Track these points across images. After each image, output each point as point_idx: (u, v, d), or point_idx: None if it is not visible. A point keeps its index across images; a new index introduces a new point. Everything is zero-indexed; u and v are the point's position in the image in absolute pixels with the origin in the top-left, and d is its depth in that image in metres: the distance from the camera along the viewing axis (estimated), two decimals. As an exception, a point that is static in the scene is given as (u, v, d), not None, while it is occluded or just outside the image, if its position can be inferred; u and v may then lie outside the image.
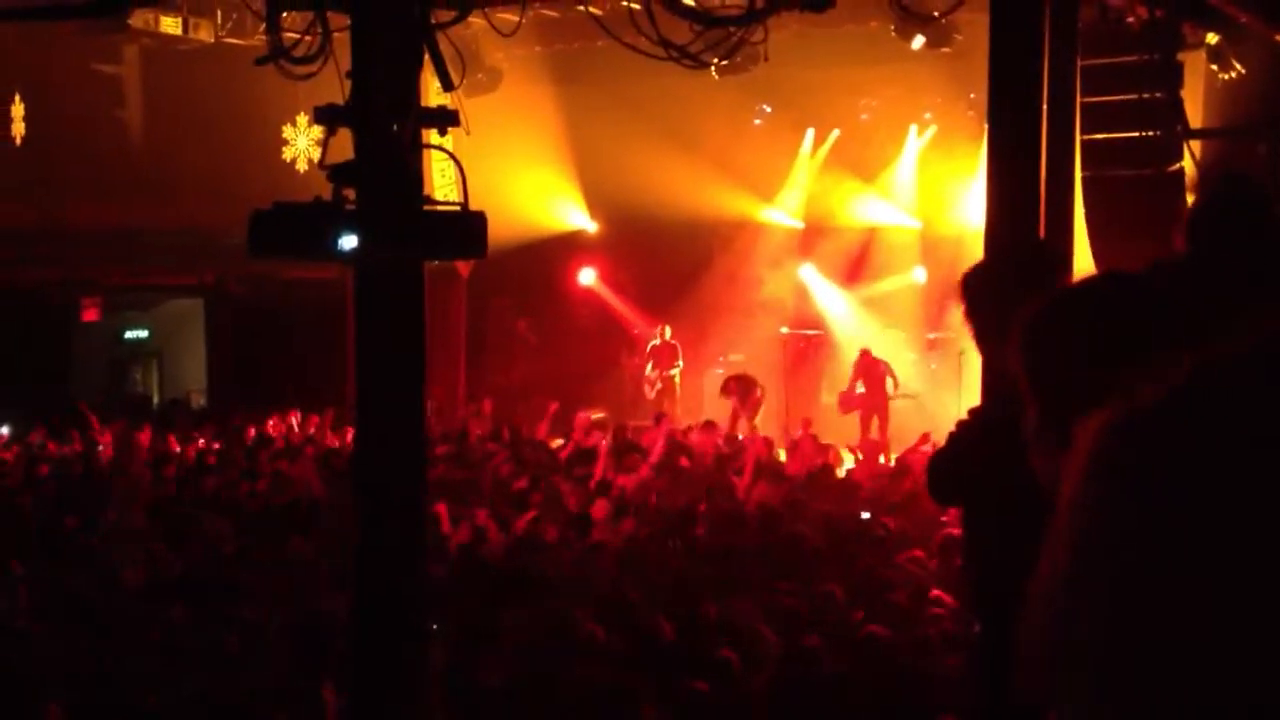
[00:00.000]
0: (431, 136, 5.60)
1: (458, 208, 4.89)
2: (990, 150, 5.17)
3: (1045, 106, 5.63)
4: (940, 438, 4.11)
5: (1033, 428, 2.74)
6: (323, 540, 9.51)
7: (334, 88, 5.82)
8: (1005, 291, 3.51)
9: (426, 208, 4.88)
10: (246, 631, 7.02)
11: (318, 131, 15.70)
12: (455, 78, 5.87)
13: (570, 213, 20.77)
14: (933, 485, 4.25)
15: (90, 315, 19.58)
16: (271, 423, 16.28)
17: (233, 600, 7.69)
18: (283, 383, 18.12)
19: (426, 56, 5.56)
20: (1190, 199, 11.70)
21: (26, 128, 16.36)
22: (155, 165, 18.05)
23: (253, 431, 15.42)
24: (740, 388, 17.88)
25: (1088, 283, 3.32)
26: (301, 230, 4.77)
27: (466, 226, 4.87)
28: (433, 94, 7.16)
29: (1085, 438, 0.89)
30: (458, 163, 4.95)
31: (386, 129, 5.10)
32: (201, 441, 15.17)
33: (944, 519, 9.52)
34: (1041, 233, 5.16)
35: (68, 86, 17.34)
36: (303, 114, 15.50)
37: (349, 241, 4.65)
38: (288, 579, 8.41)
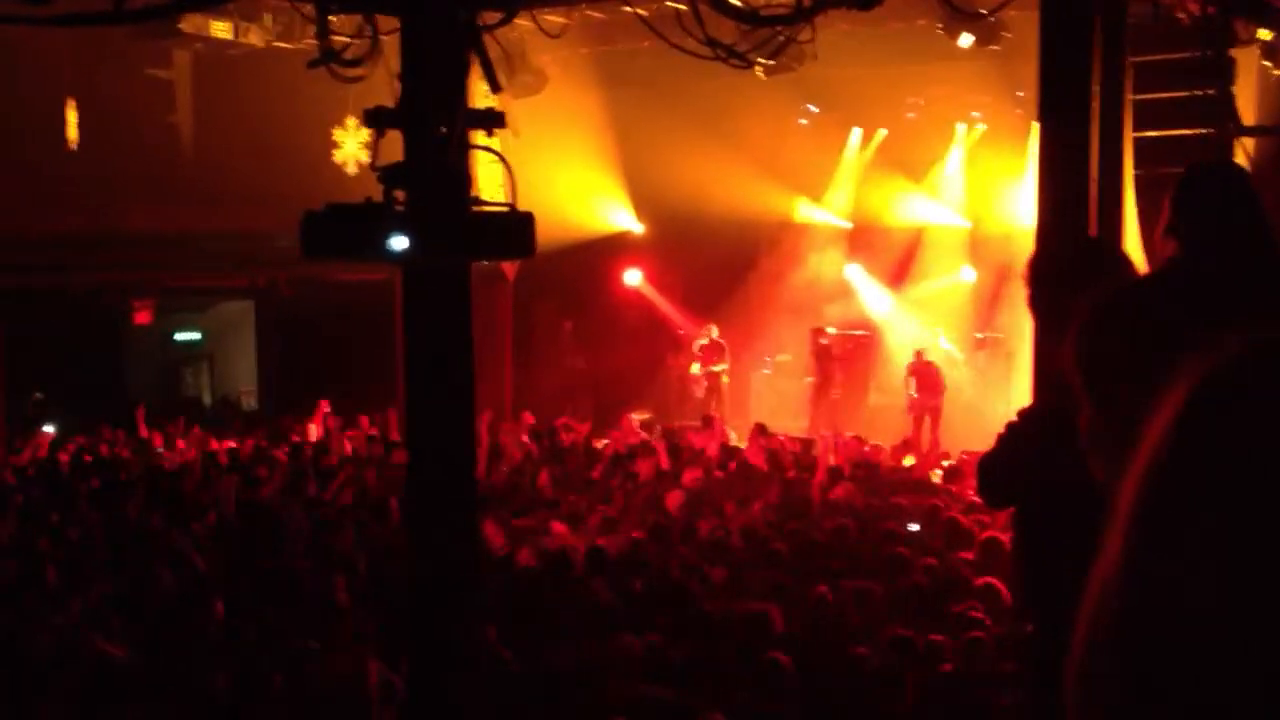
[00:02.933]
0: (478, 138, 5.62)
1: (506, 208, 4.92)
2: (1041, 146, 5.13)
3: (1097, 103, 5.57)
4: (987, 438, 4.07)
5: (1087, 426, 2.72)
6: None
7: (385, 90, 5.87)
8: (1063, 288, 3.48)
9: (475, 208, 4.91)
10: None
11: (366, 134, 15.85)
12: (502, 80, 5.90)
13: (616, 214, 20.78)
14: (983, 486, 4.20)
15: (143, 318, 19.82)
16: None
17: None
18: (332, 384, 18.28)
19: (474, 59, 5.59)
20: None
21: (80, 133, 16.57)
22: (206, 169, 18.25)
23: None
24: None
25: (1143, 280, 3.29)
26: (353, 231, 4.80)
27: (514, 226, 4.90)
28: (480, 96, 7.20)
29: (1183, 384, 0.86)
30: (505, 163, 4.97)
31: (435, 130, 5.14)
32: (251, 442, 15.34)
33: (985, 519, 9.49)
34: (1093, 230, 5.11)
35: (120, 92, 17.55)
36: (352, 117, 15.60)
37: (400, 243, 4.68)
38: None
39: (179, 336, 22.64)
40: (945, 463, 14.05)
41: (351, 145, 15.48)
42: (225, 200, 18.08)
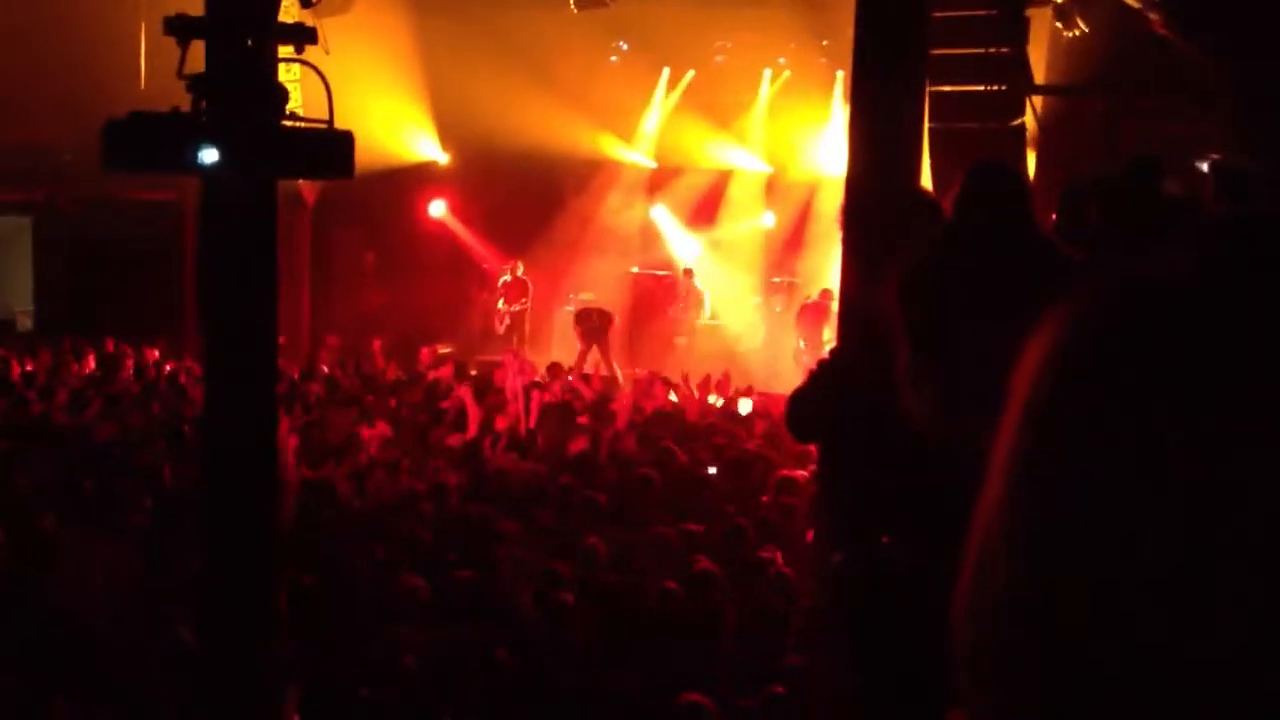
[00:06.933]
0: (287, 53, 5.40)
1: (324, 125, 4.75)
2: (855, 92, 5.19)
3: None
4: (780, 378, 4.18)
5: (904, 368, 2.82)
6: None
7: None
8: (881, 233, 3.58)
9: (292, 124, 4.73)
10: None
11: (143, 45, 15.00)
12: (313, -7, 5.68)
13: (422, 143, 20.37)
14: (793, 422, 4.30)
15: (-91, 231, 18.60)
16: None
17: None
18: (114, 307, 17.49)
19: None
20: (1031, 154, 12.09)
21: None
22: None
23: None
24: (597, 322, 17.74)
25: (952, 238, 3.40)
26: (159, 142, 4.57)
27: (332, 144, 4.74)
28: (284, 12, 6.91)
29: (1077, 305, 0.87)
30: (324, 79, 4.80)
31: (245, 41, 4.92)
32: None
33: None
34: (916, 177, 5.23)
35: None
36: (142, 25, 14.81)
37: (209, 155, 4.47)
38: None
39: (-52, 251, 21.31)
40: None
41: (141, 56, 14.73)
42: (3, 110, 17.01)
